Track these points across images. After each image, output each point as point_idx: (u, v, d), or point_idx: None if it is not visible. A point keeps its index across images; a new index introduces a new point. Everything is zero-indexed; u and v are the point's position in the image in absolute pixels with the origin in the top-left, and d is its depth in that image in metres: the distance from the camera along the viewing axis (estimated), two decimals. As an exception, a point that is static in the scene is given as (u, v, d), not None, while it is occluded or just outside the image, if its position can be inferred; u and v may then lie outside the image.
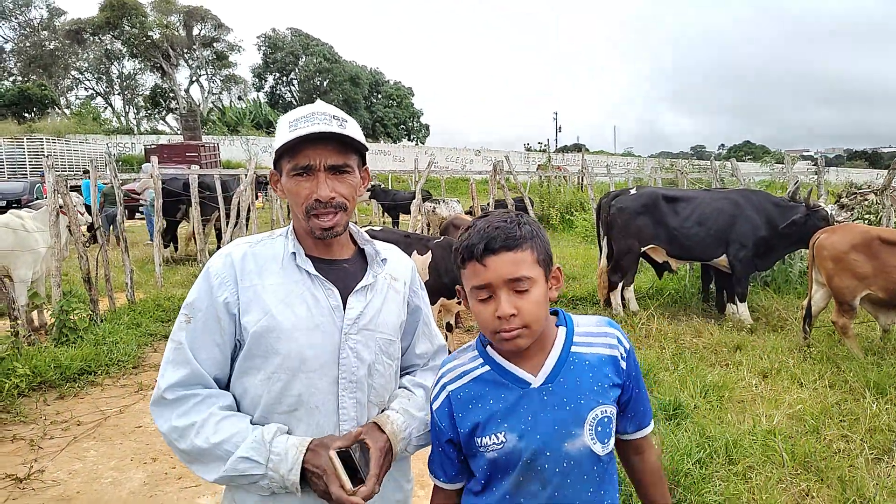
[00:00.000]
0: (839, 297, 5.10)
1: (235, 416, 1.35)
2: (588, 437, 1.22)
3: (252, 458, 1.28)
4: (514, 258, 1.20)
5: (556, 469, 1.20)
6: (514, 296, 1.20)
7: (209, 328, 1.36)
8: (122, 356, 5.60)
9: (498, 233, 1.21)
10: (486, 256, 1.20)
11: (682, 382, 4.68)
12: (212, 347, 1.36)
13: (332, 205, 1.37)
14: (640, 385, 1.33)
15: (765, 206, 6.67)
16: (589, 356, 1.27)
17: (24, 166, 27.06)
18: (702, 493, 3.12)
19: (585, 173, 10.66)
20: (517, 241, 1.21)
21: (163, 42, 45.82)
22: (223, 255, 1.42)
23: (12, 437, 4.16)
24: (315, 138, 1.34)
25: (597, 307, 7.41)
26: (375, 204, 16.30)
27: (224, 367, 1.39)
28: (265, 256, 1.42)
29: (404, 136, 55.76)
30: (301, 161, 1.36)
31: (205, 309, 1.36)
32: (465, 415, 1.27)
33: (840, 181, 22.61)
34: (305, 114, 1.37)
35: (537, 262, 1.23)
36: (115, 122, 45.80)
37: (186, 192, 10.23)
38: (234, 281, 1.38)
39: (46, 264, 6.62)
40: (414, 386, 1.56)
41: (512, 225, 1.23)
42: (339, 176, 1.39)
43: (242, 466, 1.28)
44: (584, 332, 1.31)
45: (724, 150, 76.97)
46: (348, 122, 1.41)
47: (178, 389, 1.33)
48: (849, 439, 3.76)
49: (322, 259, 1.45)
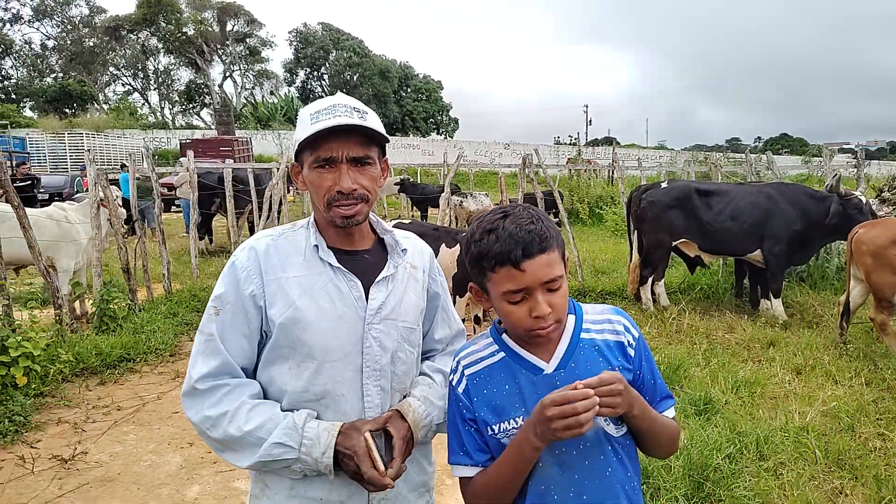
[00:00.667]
0: (878, 293, 4.97)
1: (265, 404, 1.38)
2: (601, 418, 1.24)
3: (285, 444, 1.32)
4: (549, 260, 1.21)
5: (574, 451, 1.23)
6: (548, 294, 1.22)
7: (237, 320, 1.39)
8: (159, 344, 5.78)
9: (531, 236, 1.20)
10: (523, 261, 1.19)
11: (713, 378, 4.63)
12: (240, 338, 1.39)
13: (355, 196, 1.39)
14: (653, 374, 1.33)
15: (800, 198, 6.53)
16: (598, 342, 1.29)
17: (65, 161, 27.91)
18: (731, 488, 3.09)
19: (616, 166, 10.53)
20: (549, 241, 1.22)
21: (197, 38, 46.66)
22: (247, 249, 1.44)
23: (57, 420, 4.34)
24: (337, 130, 1.35)
25: (626, 302, 7.35)
26: (404, 197, 16.37)
27: (251, 357, 1.43)
28: (288, 249, 1.44)
29: (433, 129, 55.77)
30: (323, 153, 1.37)
31: (233, 301, 1.39)
32: (480, 399, 1.30)
33: (882, 174, 21.90)
34: (326, 106, 1.38)
35: (561, 258, 1.26)
36: (151, 117, 46.91)
37: (221, 185, 10.44)
38: (259, 274, 1.40)
39: (87, 255, 6.85)
40: (433, 371, 1.58)
41: (538, 225, 1.22)
42: (361, 168, 1.40)
43: (276, 451, 1.32)
44: (593, 320, 1.33)
45: (761, 142, 75.06)
46: (369, 114, 1.41)
47: (209, 380, 1.36)
48: (885, 438, 3.69)
49: (344, 251, 1.47)
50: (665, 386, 1.36)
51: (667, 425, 1.31)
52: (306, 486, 1.40)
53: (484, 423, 1.30)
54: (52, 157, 28.01)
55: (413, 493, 1.53)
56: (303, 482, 1.39)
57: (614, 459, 1.25)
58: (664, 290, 7.24)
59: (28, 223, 5.28)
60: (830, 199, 6.27)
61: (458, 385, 1.35)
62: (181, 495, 3.39)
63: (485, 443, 1.31)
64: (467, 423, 1.32)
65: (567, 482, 1.24)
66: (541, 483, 1.25)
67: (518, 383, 1.28)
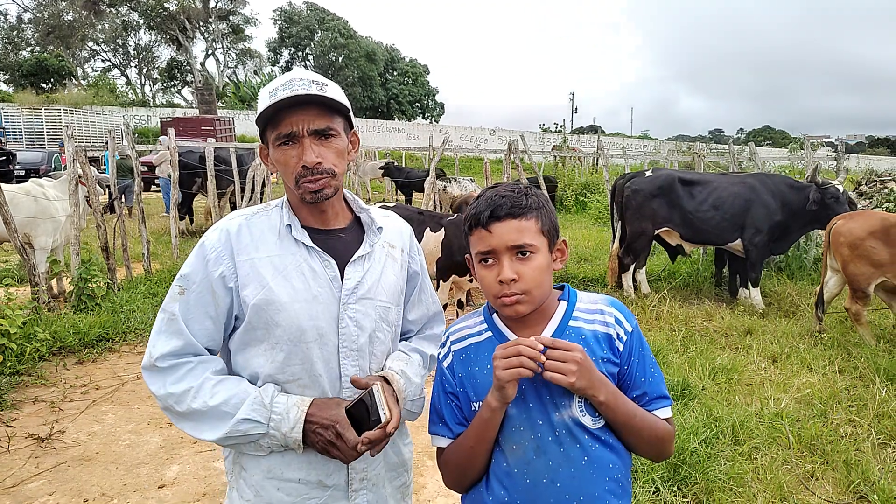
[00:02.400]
0: (854, 283, 5.07)
1: (230, 379, 1.38)
2: (577, 409, 1.23)
3: (253, 419, 1.31)
4: (519, 226, 1.23)
5: (549, 438, 1.23)
6: (517, 261, 1.23)
7: (203, 301, 1.37)
8: (138, 325, 5.71)
9: (504, 201, 1.24)
10: (491, 223, 1.24)
11: (691, 364, 4.70)
12: (204, 319, 1.37)
13: (319, 170, 1.36)
14: (645, 372, 1.29)
15: (780, 189, 6.62)
16: (585, 331, 1.28)
17: (42, 137, 27.30)
18: (707, 471, 3.16)
19: (601, 155, 10.57)
20: (522, 209, 1.24)
21: (179, 14, 45.63)
22: (218, 230, 1.42)
23: (34, 398, 4.28)
24: (294, 104, 1.33)
25: (607, 290, 7.42)
26: (389, 181, 16.30)
27: (216, 338, 1.41)
28: (261, 228, 1.42)
29: (419, 114, 55.44)
30: (284, 129, 1.35)
31: (199, 281, 1.37)
32: (465, 376, 1.31)
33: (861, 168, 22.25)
34: (284, 81, 1.36)
35: (541, 231, 1.26)
36: (131, 94, 45.93)
37: (202, 165, 10.30)
38: (230, 255, 1.38)
39: (66, 233, 6.73)
40: (410, 350, 1.58)
41: (518, 195, 1.26)
42: (325, 141, 1.37)
43: (244, 427, 1.31)
44: (584, 309, 1.32)
45: (743, 134, 75.82)
46: (329, 85, 1.38)
47: (170, 358, 1.35)
48: (856, 424, 3.78)
49: (318, 230, 1.45)
50: (662, 387, 1.32)
51: (650, 423, 1.26)
52: (283, 468, 1.39)
53: (467, 398, 1.31)
54: (28, 132, 27.36)
55: (391, 473, 1.53)
56: (280, 463, 1.39)
57: (592, 449, 1.24)
58: (645, 277, 7.32)
59: (4, 199, 5.16)
60: (810, 189, 6.37)
61: (445, 359, 1.37)
62: (160, 475, 3.38)
63: (465, 418, 1.33)
64: (449, 397, 1.34)
65: (541, 467, 1.23)
66: (514, 466, 1.25)
67: None
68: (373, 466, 1.46)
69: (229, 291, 1.37)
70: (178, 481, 3.32)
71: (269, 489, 1.39)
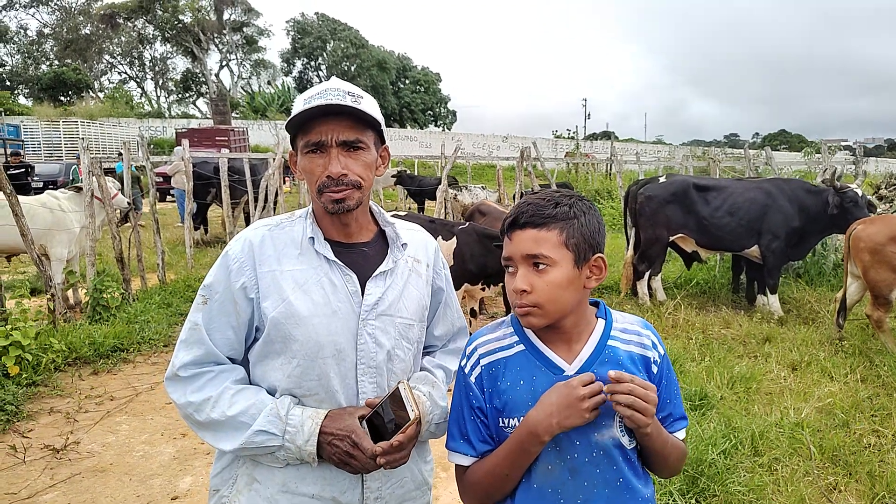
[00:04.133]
0: (875, 290, 4.97)
1: (249, 389, 1.36)
2: (617, 429, 1.21)
3: (269, 431, 1.29)
4: (537, 236, 1.20)
5: (586, 459, 1.19)
6: (532, 273, 1.20)
7: (225, 310, 1.37)
8: (153, 335, 5.74)
9: (528, 209, 1.22)
10: (512, 230, 1.23)
11: (708, 373, 4.62)
12: (226, 329, 1.37)
13: (344, 182, 1.34)
14: (671, 393, 1.29)
15: (797, 194, 6.53)
16: (623, 353, 1.25)
17: (60, 149, 27.72)
18: (726, 483, 3.09)
19: (614, 161, 10.50)
20: (544, 219, 1.20)
21: (194, 26, 46.29)
22: (241, 240, 1.41)
23: (49, 409, 4.30)
24: (326, 113, 1.32)
25: (621, 297, 7.34)
26: (401, 189, 16.32)
27: (238, 348, 1.40)
28: (284, 241, 1.41)
29: (431, 121, 55.61)
30: (313, 137, 1.34)
31: (222, 291, 1.37)
32: (495, 390, 1.26)
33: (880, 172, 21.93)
34: (320, 90, 1.35)
35: (564, 244, 1.20)
36: (147, 105, 46.58)
37: (216, 175, 10.38)
38: (252, 266, 1.37)
39: (81, 244, 6.80)
40: (434, 367, 1.55)
41: (546, 203, 1.22)
42: (353, 153, 1.36)
43: (259, 439, 1.30)
44: (622, 329, 1.29)
45: (759, 138, 75.14)
46: (364, 98, 1.37)
47: (192, 368, 1.35)
48: (880, 434, 3.69)
49: (341, 243, 1.43)
50: (682, 406, 1.32)
51: (676, 447, 1.27)
52: (298, 482, 1.37)
53: (495, 414, 1.26)
54: (46, 145, 27.80)
55: (412, 493, 1.50)
56: (295, 477, 1.36)
57: (628, 471, 1.22)
58: (661, 284, 7.23)
59: (21, 211, 5.22)
60: (827, 193, 6.27)
61: (472, 373, 1.31)
62: (173, 486, 3.37)
63: (489, 435, 1.28)
64: (474, 412, 1.29)
65: (575, 488, 1.20)
66: (548, 486, 1.21)
67: (534, 381, 1.23)
68: (388, 485, 1.43)
69: (250, 302, 1.37)
70: (190, 493, 3.31)
71: (282, 503, 1.37)
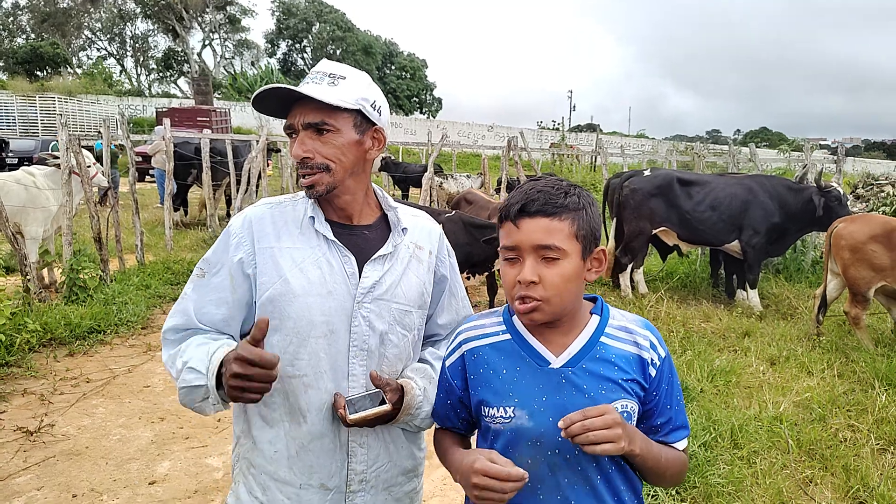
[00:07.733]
0: (854, 287, 5.04)
1: (212, 342, 1.32)
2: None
3: (196, 369, 1.25)
4: (549, 225, 1.14)
5: (567, 455, 1.16)
6: (541, 264, 1.15)
7: (221, 284, 1.37)
8: (130, 317, 5.64)
9: (539, 196, 1.16)
10: (520, 218, 1.16)
11: (689, 366, 4.67)
12: (220, 304, 1.37)
13: (309, 165, 1.33)
14: (672, 399, 1.24)
15: (779, 191, 6.60)
16: (616, 350, 1.20)
17: (36, 125, 27.05)
18: (706, 475, 3.12)
19: (600, 153, 10.53)
20: (556, 207, 1.15)
21: (176, 3, 45.27)
22: (242, 216, 1.42)
23: (23, 391, 4.21)
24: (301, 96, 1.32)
25: (605, 288, 7.39)
26: (386, 176, 16.21)
27: (233, 325, 1.39)
28: (285, 219, 1.40)
29: (416, 108, 55.26)
30: (288, 119, 1.36)
31: (218, 265, 1.38)
32: (477, 378, 1.24)
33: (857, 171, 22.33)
34: (309, 72, 1.37)
35: (575, 236, 1.16)
36: (127, 83, 45.63)
37: (197, 156, 10.19)
38: (251, 241, 1.37)
39: (57, 223, 6.63)
40: (435, 359, 1.52)
41: (557, 191, 1.17)
42: (321, 136, 1.33)
43: (189, 377, 1.25)
44: (618, 326, 1.24)
45: (740, 135, 75.96)
46: (346, 78, 1.35)
47: (173, 333, 1.38)
48: (855, 429, 3.75)
49: (342, 225, 1.43)
50: (684, 415, 1.26)
51: (674, 460, 1.21)
52: (286, 472, 1.36)
53: (479, 404, 1.24)
54: (21, 120, 27.07)
55: (400, 478, 1.49)
56: (284, 467, 1.36)
57: (609, 470, 1.19)
58: (643, 277, 7.29)
59: (-6, 187, 5.07)
60: (809, 191, 6.35)
61: (449, 357, 1.32)
62: (151, 471, 3.32)
63: (458, 417, 1.32)
64: (448, 395, 1.32)
65: (555, 485, 1.18)
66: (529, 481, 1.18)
67: (518, 371, 1.20)
68: (374, 468, 1.41)
69: (247, 278, 1.37)
70: (168, 477, 3.26)
71: (273, 491, 1.38)
